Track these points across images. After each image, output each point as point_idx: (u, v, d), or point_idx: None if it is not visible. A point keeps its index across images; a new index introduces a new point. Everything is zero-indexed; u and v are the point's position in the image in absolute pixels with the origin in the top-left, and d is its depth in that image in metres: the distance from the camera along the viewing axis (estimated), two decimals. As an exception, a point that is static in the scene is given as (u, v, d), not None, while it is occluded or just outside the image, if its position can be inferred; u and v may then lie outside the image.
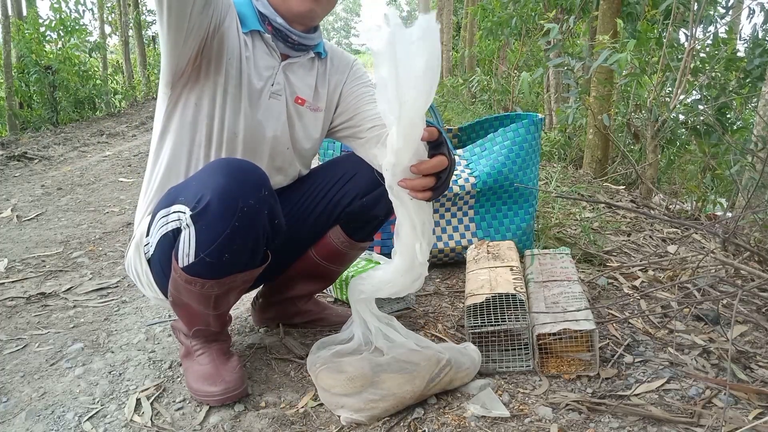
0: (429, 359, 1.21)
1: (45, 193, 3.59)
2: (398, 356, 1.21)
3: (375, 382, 1.16)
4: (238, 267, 1.14)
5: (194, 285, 1.14)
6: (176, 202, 1.12)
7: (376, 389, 1.16)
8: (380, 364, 1.19)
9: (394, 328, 1.28)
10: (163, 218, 1.15)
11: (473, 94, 7.42)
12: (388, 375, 1.17)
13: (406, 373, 1.18)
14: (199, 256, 1.09)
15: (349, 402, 1.16)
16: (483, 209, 2.01)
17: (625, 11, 3.73)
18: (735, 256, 1.90)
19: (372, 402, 1.15)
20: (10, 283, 2.07)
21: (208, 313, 1.22)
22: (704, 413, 1.14)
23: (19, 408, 1.28)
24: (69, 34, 7.31)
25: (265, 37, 1.26)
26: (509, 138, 1.95)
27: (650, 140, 3.35)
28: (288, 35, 1.26)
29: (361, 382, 1.16)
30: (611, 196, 3.23)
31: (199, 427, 1.18)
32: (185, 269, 1.12)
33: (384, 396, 1.15)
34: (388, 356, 1.21)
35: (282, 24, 1.24)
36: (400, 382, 1.17)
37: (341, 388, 1.17)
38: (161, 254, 1.19)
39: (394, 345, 1.25)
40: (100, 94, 7.97)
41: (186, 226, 1.09)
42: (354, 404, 1.16)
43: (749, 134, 2.89)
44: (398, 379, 1.17)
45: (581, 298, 1.43)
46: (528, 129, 1.95)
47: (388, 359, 1.20)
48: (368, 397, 1.15)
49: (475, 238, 2.00)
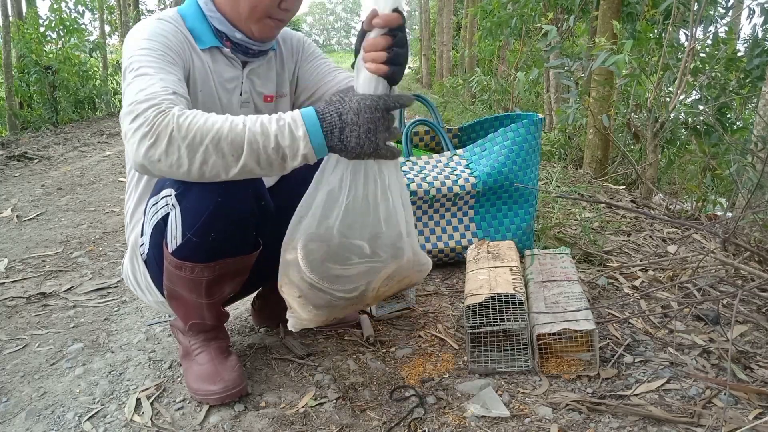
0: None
1: (45, 193, 3.59)
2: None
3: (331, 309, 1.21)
4: (226, 250, 1.16)
5: (184, 270, 1.16)
6: (164, 187, 1.15)
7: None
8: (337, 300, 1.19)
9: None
10: (153, 207, 1.18)
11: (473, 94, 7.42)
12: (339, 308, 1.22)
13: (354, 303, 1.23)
14: (186, 236, 1.12)
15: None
16: (483, 209, 2.00)
17: (625, 11, 3.72)
18: (735, 256, 1.90)
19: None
20: (10, 283, 2.07)
21: (201, 302, 1.23)
22: (704, 413, 1.14)
23: (19, 408, 1.28)
24: (69, 34, 7.31)
25: (224, 50, 1.25)
26: (509, 138, 1.94)
27: (650, 140, 3.35)
28: (248, 48, 1.25)
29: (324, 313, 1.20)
30: (611, 196, 3.23)
31: (199, 427, 1.18)
32: (174, 253, 1.15)
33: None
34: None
35: (242, 39, 1.22)
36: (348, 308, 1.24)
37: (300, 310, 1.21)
38: (154, 247, 1.22)
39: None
40: (100, 94, 7.98)
41: (172, 206, 1.12)
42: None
43: (749, 134, 2.89)
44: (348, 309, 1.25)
45: (581, 298, 1.43)
46: (528, 129, 1.95)
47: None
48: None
49: (475, 238, 2.00)
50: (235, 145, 0.94)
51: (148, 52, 1.08)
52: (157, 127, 0.93)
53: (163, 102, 0.96)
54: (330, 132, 0.97)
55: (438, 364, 1.41)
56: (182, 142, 0.92)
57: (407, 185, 1.94)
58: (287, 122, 0.96)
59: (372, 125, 0.97)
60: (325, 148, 0.98)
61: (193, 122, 0.93)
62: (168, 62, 1.09)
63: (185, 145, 0.92)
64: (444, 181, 1.95)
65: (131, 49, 1.10)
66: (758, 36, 3.36)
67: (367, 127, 0.96)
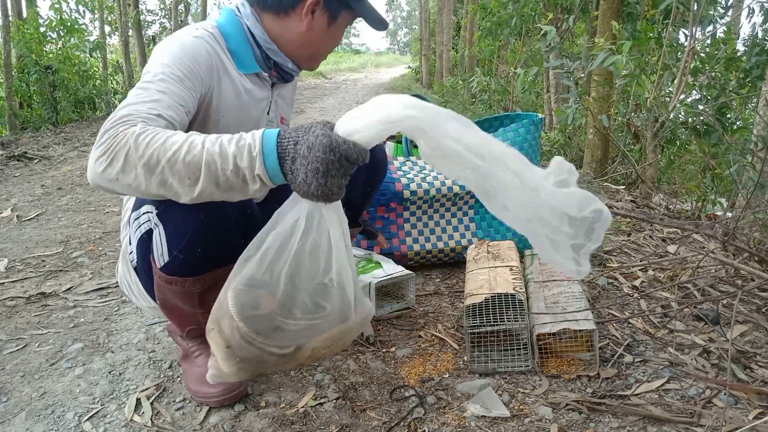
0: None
1: (45, 193, 3.59)
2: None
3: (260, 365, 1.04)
4: (215, 262, 1.14)
5: (175, 285, 1.15)
6: (145, 202, 1.13)
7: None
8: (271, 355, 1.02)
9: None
10: (136, 221, 1.17)
11: (473, 94, 7.42)
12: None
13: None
14: (172, 254, 1.10)
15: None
16: (483, 209, 2.01)
17: (625, 11, 3.72)
18: (735, 256, 1.90)
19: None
20: (10, 283, 2.07)
21: (196, 311, 1.22)
22: (704, 413, 1.14)
23: (19, 408, 1.28)
24: (69, 34, 7.30)
25: (262, 75, 1.27)
26: (509, 138, 1.96)
27: (650, 140, 3.35)
28: (291, 74, 1.30)
29: (249, 368, 1.04)
30: (611, 196, 3.23)
31: (199, 426, 1.18)
32: (163, 269, 1.14)
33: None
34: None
35: (292, 68, 1.28)
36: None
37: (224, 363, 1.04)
38: (142, 259, 1.21)
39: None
40: (100, 94, 7.96)
41: (155, 225, 1.11)
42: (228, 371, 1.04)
43: (749, 134, 2.89)
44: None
45: (581, 298, 1.43)
46: (528, 129, 1.96)
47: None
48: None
49: (475, 237, 2.01)
50: (191, 167, 0.87)
51: (165, 69, 1.06)
52: (116, 145, 0.89)
53: (137, 120, 0.93)
54: (284, 158, 0.88)
55: (438, 364, 1.41)
56: (138, 162, 0.88)
57: (408, 185, 1.97)
58: (247, 142, 0.88)
59: (322, 166, 0.86)
60: (279, 174, 0.89)
61: (152, 141, 0.88)
62: (180, 85, 1.06)
63: (141, 165, 0.87)
64: (444, 181, 1.97)
65: (155, 58, 1.09)
66: (758, 35, 3.36)
67: (315, 166, 0.86)
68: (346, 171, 0.88)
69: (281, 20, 1.20)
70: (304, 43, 1.23)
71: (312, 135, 0.87)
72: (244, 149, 0.88)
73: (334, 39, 1.27)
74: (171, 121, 1.00)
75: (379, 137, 0.89)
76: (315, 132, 0.87)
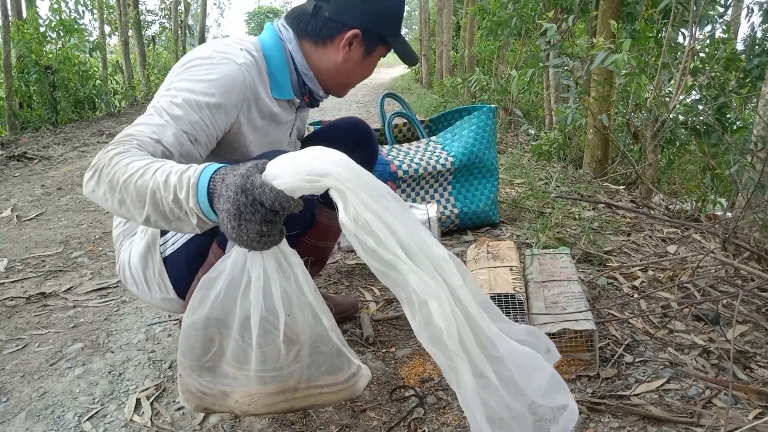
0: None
1: (45, 193, 3.58)
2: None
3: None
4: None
5: None
6: None
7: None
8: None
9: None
10: None
11: (473, 94, 7.42)
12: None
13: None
14: None
15: None
16: (459, 184, 2.41)
17: (624, 11, 3.72)
18: (735, 256, 1.90)
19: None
20: (10, 283, 2.07)
21: None
22: (704, 413, 1.14)
23: (19, 408, 1.28)
24: (69, 34, 7.30)
25: (294, 100, 1.29)
26: (474, 124, 2.41)
27: (650, 140, 3.35)
28: (319, 101, 1.34)
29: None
30: (611, 196, 3.23)
31: (199, 427, 1.18)
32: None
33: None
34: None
35: (322, 96, 1.31)
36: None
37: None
38: (192, 247, 1.20)
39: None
40: (100, 94, 7.96)
41: None
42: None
43: (749, 134, 2.89)
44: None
45: (581, 298, 1.43)
46: (488, 116, 2.42)
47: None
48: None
49: (455, 208, 2.38)
50: (140, 192, 0.87)
51: (189, 96, 1.05)
52: (99, 161, 0.93)
53: (133, 141, 0.95)
54: (212, 194, 0.84)
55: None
56: (105, 179, 0.91)
57: (398, 167, 2.30)
58: (188, 174, 0.85)
59: (233, 208, 0.80)
60: (211, 210, 0.85)
61: (120, 163, 0.90)
62: (199, 113, 1.05)
63: (106, 182, 0.91)
64: (429, 161, 2.36)
65: (188, 71, 1.09)
66: (757, 35, 3.36)
67: (227, 206, 0.81)
68: (264, 217, 0.81)
69: (318, 49, 1.23)
70: (338, 72, 1.26)
71: (234, 174, 0.82)
72: (184, 181, 0.85)
73: (367, 71, 1.31)
74: (169, 149, 1.00)
75: (302, 188, 0.82)
76: (240, 171, 0.82)
